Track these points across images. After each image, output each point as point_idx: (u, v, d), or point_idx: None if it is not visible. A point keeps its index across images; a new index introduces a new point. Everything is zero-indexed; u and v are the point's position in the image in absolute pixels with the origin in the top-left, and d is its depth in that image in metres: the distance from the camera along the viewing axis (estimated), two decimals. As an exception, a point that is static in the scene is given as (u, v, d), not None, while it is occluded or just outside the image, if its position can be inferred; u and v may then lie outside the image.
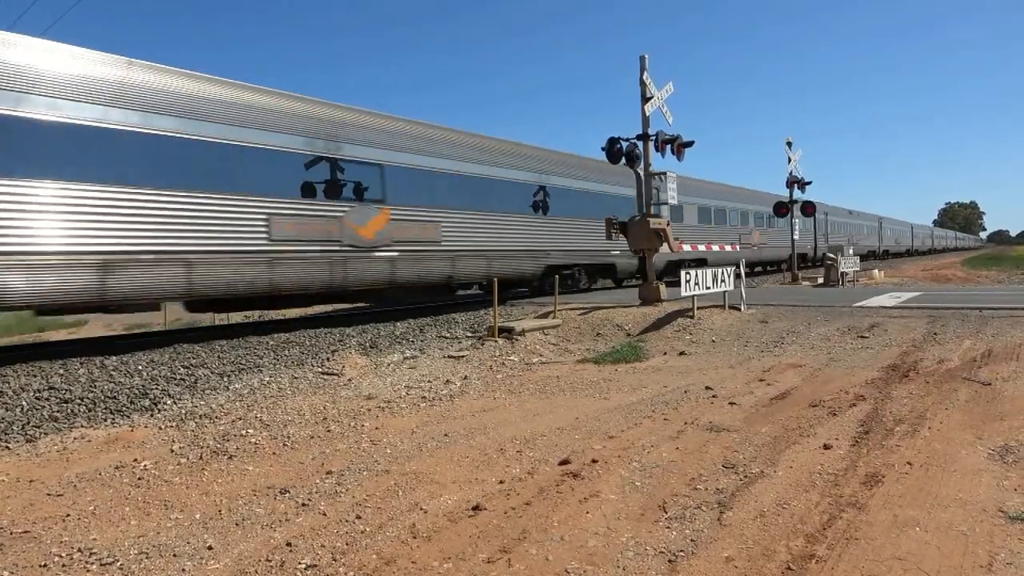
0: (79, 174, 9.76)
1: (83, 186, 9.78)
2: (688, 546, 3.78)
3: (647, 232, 15.13)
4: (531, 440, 6.00)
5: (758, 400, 7.19)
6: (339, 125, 13.63)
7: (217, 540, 4.06)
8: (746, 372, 8.83)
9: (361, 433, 6.43)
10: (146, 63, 10.99)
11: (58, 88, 9.59)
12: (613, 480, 4.88)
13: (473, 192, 16.52)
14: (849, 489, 4.54)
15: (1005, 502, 4.21)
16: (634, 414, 6.81)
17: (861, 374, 8.22)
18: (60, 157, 9.56)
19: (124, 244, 10.17)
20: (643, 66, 15.18)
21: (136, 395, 7.93)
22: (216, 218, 11.34)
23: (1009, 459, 5.01)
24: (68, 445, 6.28)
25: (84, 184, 9.79)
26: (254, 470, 5.41)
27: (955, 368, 8.23)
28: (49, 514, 4.54)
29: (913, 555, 3.55)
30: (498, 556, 3.73)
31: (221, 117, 11.54)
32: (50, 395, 7.72)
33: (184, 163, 10.96)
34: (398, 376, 9.29)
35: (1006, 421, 6.00)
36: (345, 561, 3.73)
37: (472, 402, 7.78)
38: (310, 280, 12.67)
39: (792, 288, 21.67)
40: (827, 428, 6.01)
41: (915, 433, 5.75)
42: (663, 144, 15.65)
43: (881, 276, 26.18)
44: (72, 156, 9.70)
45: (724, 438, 5.83)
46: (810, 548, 3.68)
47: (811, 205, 25.97)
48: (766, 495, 4.49)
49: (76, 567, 3.75)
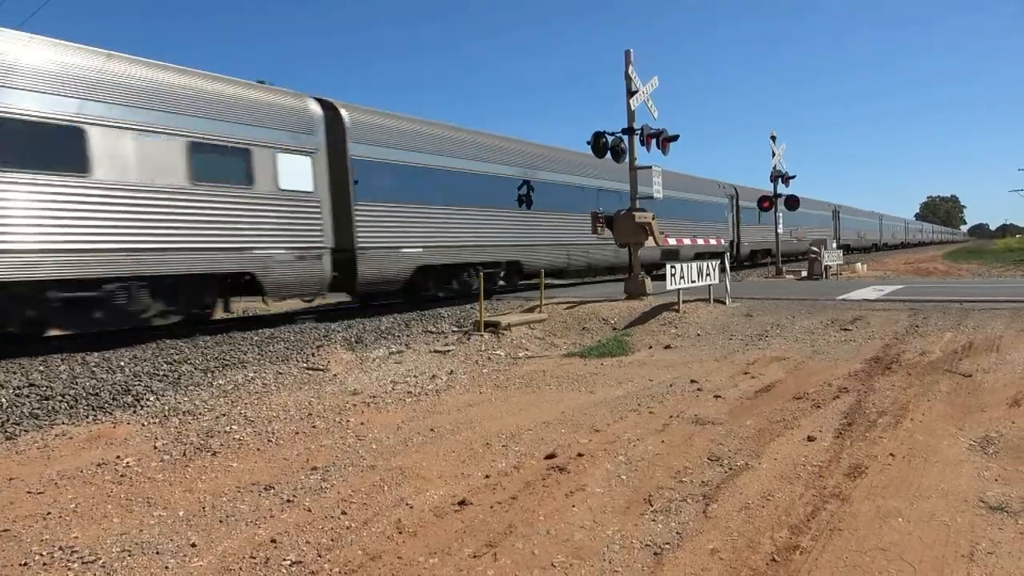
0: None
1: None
2: (673, 538, 3.79)
3: (633, 226, 15.17)
4: (517, 434, 6.00)
5: (743, 393, 7.23)
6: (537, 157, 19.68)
7: (201, 537, 4.03)
8: (731, 365, 8.88)
9: (346, 429, 6.40)
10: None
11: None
12: (599, 473, 4.89)
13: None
14: (833, 481, 4.58)
15: (986, 492, 4.26)
16: (620, 408, 6.83)
17: (844, 366, 8.29)
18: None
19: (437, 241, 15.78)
20: (628, 60, 15.18)
21: (118, 392, 7.84)
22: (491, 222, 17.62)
23: (990, 450, 5.07)
24: (49, 442, 6.21)
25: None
26: (238, 467, 5.37)
27: (937, 360, 8.32)
28: (30, 512, 4.48)
29: (896, 545, 3.59)
30: (484, 550, 3.72)
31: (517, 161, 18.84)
32: (30, 392, 7.62)
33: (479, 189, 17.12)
34: (384, 371, 9.25)
35: (986, 412, 6.08)
36: (330, 557, 3.72)
37: (458, 397, 7.77)
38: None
39: (776, 282, 21.81)
40: (811, 420, 6.06)
41: (898, 425, 5.81)
42: (648, 138, 15.68)
43: (864, 269, 26.43)
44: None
45: (709, 431, 5.86)
46: (794, 539, 3.71)
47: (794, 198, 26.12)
48: (751, 487, 4.52)
49: (57, 566, 3.70)
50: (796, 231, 37.06)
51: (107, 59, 10.35)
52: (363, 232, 14.00)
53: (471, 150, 17.27)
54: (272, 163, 12.32)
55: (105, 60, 10.32)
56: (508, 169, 18.40)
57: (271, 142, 12.32)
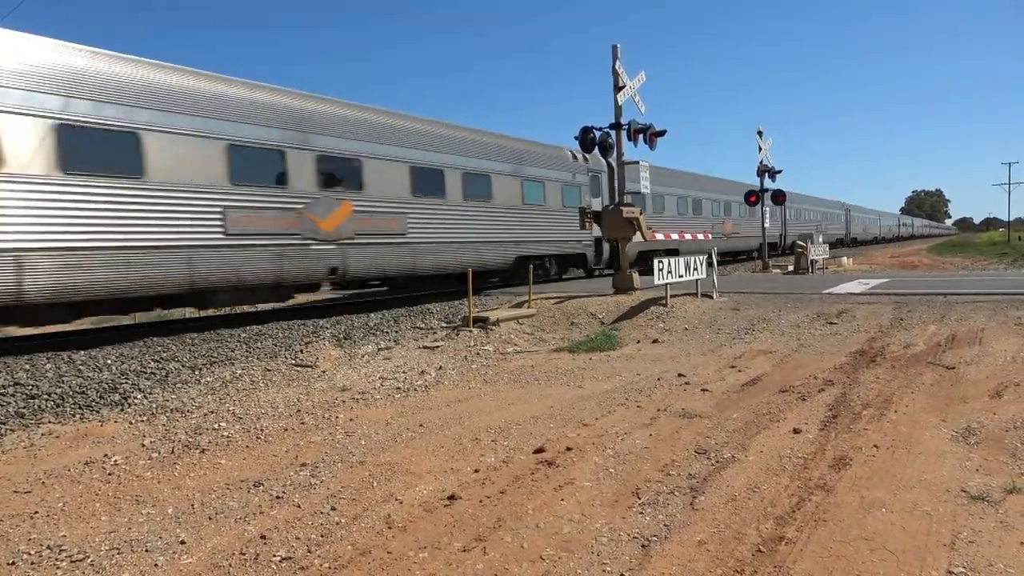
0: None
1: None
2: (661, 531, 3.83)
3: (620, 221, 15.22)
4: (506, 429, 6.02)
5: (729, 386, 7.29)
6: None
7: (190, 534, 4.03)
8: (718, 359, 8.94)
9: (335, 425, 6.40)
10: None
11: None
12: (587, 467, 4.92)
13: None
14: (818, 472, 4.64)
15: (967, 482, 4.33)
16: (608, 402, 6.87)
17: (830, 359, 8.37)
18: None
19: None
20: (615, 55, 15.18)
21: (105, 390, 7.80)
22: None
23: (971, 440, 5.15)
24: (35, 441, 6.17)
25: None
26: (227, 463, 5.36)
27: (921, 353, 8.41)
28: (17, 511, 4.46)
29: (879, 535, 3.64)
30: (474, 545, 3.75)
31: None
32: (16, 391, 7.56)
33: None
34: (373, 367, 9.25)
35: (969, 404, 6.16)
36: (320, 553, 3.73)
37: (447, 392, 7.79)
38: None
39: (763, 276, 21.94)
40: (797, 413, 6.12)
41: (882, 417, 5.88)
42: (636, 133, 15.71)
43: (850, 263, 26.62)
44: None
45: (696, 424, 5.91)
46: (780, 530, 3.76)
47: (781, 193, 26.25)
48: (737, 479, 4.57)
49: (45, 564, 3.69)
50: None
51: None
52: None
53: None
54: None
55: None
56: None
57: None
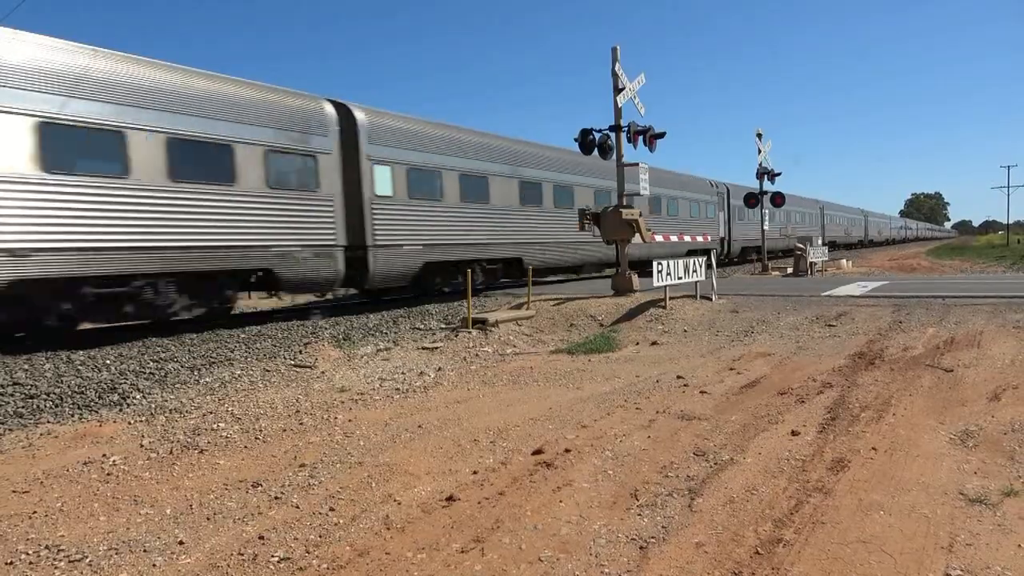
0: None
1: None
2: (659, 532, 3.84)
3: (620, 222, 15.22)
4: (505, 430, 6.02)
5: (728, 388, 7.30)
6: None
7: (188, 535, 4.03)
8: (717, 361, 8.95)
9: (334, 425, 6.40)
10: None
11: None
12: (586, 469, 4.93)
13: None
14: (816, 474, 4.64)
15: (965, 485, 4.34)
16: (607, 404, 6.87)
17: (828, 362, 8.38)
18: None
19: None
20: (615, 57, 15.19)
21: (104, 390, 7.79)
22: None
23: (969, 443, 5.16)
24: (34, 441, 6.16)
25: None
26: (226, 464, 5.36)
27: (919, 355, 8.42)
28: (15, 511, 4.46)
29: (877, 538, 3.65)
30: (472, 546, 3.75)
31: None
32: (14, 390, 7.56)
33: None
34: (372, 368, 9.25)
35: (967, 406, 6.17)
36: (319, 553, 3.73)
37: (446, 393, 7.79)
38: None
39: (762, 278, 21.96)
40: (795, 415, 6.13)
41: (880, 419, 5.88)
42: (635, 135, 15.73)
43: (849, 266, 26.63)
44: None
45: (695, 426, 5.92)
46: (778, 532, 3.76)
47: (780, 196, 26.31)
48: (735, 481, 4.57)
49: (44, 564, 3.69)
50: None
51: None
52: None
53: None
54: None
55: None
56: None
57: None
